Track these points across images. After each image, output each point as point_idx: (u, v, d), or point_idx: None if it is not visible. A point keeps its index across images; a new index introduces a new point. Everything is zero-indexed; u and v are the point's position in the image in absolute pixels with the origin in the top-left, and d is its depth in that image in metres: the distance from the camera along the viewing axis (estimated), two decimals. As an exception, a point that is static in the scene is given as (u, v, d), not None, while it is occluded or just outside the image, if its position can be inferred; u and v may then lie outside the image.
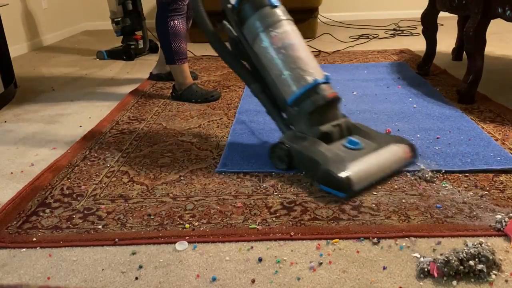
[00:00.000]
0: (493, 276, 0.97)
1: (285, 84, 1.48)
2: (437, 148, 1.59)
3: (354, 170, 1.29)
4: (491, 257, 0.98)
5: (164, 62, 2.57)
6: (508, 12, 1.85)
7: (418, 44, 3.31)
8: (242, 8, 1.52)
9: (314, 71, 1.48)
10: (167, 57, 2.26)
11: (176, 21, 2.17)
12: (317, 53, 3.16)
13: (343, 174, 1.27)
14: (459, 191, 1.31)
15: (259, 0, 1.50)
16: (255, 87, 1.58)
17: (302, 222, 1.20)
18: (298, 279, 1.00)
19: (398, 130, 1.76)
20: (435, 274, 0.97)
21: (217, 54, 1.66)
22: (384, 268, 1.02)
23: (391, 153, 1.41)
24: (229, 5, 1.55)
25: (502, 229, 1.12)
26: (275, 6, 1.51)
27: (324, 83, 1.47)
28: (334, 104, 1.49)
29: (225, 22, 1.60)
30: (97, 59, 3.35)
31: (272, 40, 1.48)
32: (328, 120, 1.47)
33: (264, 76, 1.54)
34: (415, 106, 2.02)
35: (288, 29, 1.50)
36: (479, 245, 1.01)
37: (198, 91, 2.27)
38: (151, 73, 2.69)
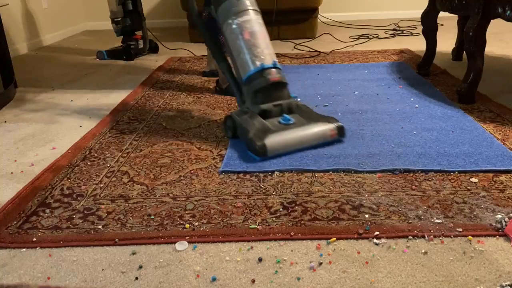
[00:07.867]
0: None
1: (242, 64, 1.72)
2: (440, 148, 1.59)
3: (271, 140, 1.54)
4: None
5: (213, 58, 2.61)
6: (508, 12, 1.85)
7: (418, 44, 3.31)
8: None
9: (265, 57, 1.70)
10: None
11: None
12: (317, 54, 3.16)
13: (259, 143, 1.52)
14: (459, 191, 1.31)
15: None
16: (224, 65, 1.83)
17: (302, 222, 1.20)
18: (298, 279, 1.00)
19: (402, 127, 1.76)
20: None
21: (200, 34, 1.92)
22: (384, 268, 1.02)
23: (316, 129, 1.63)
24: None
25: (502, 229, 1.12)
26: None
27: (271, 68, 1.69)
28: (277, 87, 1.71)
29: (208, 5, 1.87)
30: (97, 59, 3.35)
31: (238, 25, 1.72)
32: (270, 100, 1.69)
33: (228, 54, 1.79)
34: (417, 106, 2.02)
35: (253, 18, 1.74)
36: None
37: None
38: (204, 71, 2.75)
